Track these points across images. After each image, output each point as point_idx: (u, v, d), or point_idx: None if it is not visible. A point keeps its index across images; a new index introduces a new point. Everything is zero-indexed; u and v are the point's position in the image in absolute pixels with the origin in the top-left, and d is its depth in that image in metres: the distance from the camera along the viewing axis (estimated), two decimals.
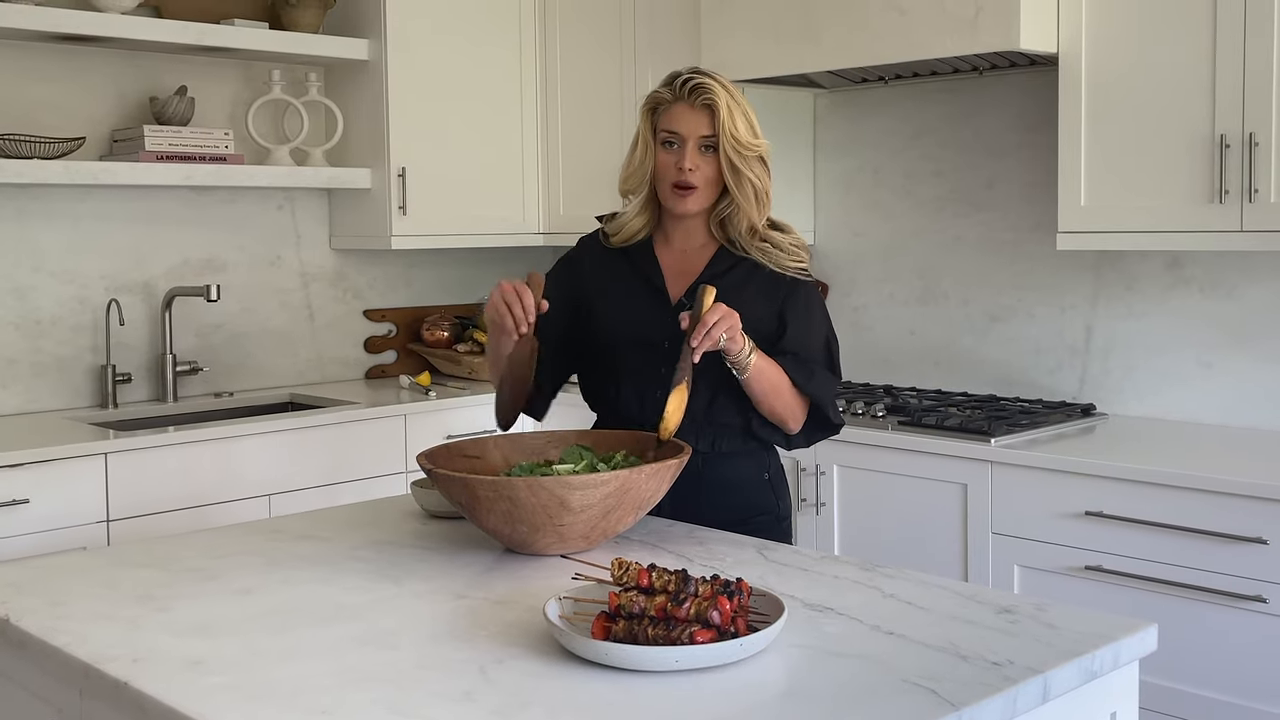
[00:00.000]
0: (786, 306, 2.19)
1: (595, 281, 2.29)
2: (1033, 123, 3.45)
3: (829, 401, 2.21)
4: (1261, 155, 2.72)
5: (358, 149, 3.97)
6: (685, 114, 2.16)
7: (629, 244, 2.28)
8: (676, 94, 2.17)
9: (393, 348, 4.30)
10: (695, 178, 2.15)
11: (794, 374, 2.15)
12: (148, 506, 3.12)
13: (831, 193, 3.92)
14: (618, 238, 2.28)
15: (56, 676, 1.57)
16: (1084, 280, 3.39)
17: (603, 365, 2.27)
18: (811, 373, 2.18)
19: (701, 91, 2.14)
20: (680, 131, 2.16)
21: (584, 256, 2.35)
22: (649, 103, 2.21)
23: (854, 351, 3.83)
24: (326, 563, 1.91)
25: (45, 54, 3.52)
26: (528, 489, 1.80)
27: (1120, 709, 1.57)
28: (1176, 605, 2.65)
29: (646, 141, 2.20)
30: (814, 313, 2.23)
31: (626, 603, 1.48)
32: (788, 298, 2.20)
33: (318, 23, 3.85)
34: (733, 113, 2.14)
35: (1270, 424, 3.08)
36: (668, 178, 2.18)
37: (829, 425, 2.24)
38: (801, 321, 2.20)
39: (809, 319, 2.21)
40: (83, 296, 3.61)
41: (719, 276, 2.19)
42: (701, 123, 2.15)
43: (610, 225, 2.31)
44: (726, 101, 2.14)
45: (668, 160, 2.17)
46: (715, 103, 2.14)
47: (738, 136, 2.14)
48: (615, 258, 2.29)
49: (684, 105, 2.16)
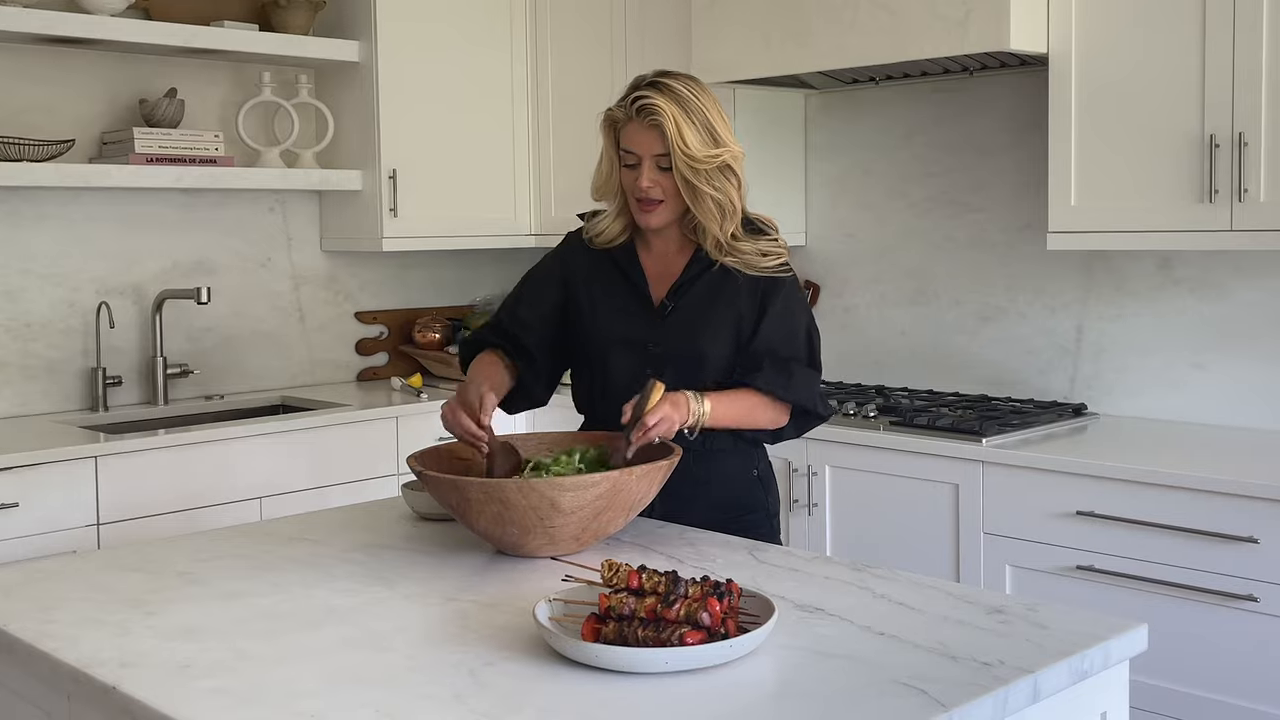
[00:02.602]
0: (766, 302, 2.18)
1: (581, 280, 2.29)
2: (1023, 123, 3.45)
3: (813, 401, 2.21)
4: (1251, 155, 2.73)
5: (348, 151, 3.97)
6: (637, 133, 2.12)
7: (611, 246, 2.28)
8: (627, 112, 2.13)
9: (384, 350, 4.30)
10: (655, 193, 2.14)
11: (770, 387, 2.15)
12: (138, 510, 3.11)
13: (823, 194, 3.92)
14: (599, 241, 2.28)
15: (45, 681, 1.57)
16: (1075, 280, 3.40)
17: (587, 366, 2.28)
18: (790, 375, 2.17)
19: (647, 112, 2.09)
20: (635, 151, 2.13)
21: (571, 253, 2.35)
22: (608, 120, 2.19)
23: (845, 352, 3.83)
24: (317, 565, 1.91)
25: (34, 56, 3.51)
26: (518, 491, 1.79)
27: (1111, 709, 1.57)
28: (1168, 605, 2.65)
29: (610, 158, 2.19)
30: (793, 307, 2.22)
31: (616, 604, 1.48)
32: (766, 293, 2.19)
33: (308, 24, 3.84)
34: (681, 129, 2.07)
35: (1261, 423, 3.08)
36: (632, 194, 2.17)
37: (817, 416, 2.25)
38: (779, 317, 2.19)
39: (787, 314, 2.20)
40: (73, 299, 3.60)
41: (697, 278, 2.19)
42: (654, 141, 2.10)
43: (590, 227, 2.30)
44: (674, 117, 2.07)
45: (629, 177, 2.16)
46: (661, 123, 2.08)
47: (689, 153, 2.08)
48: (600, 258, 2.29)
49: (635, 124, 2.12)
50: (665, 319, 2.20)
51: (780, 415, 2.20)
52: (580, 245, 2.33)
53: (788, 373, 2.17)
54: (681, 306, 2.20)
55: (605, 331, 2.23)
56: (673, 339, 2.18)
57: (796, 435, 2.27)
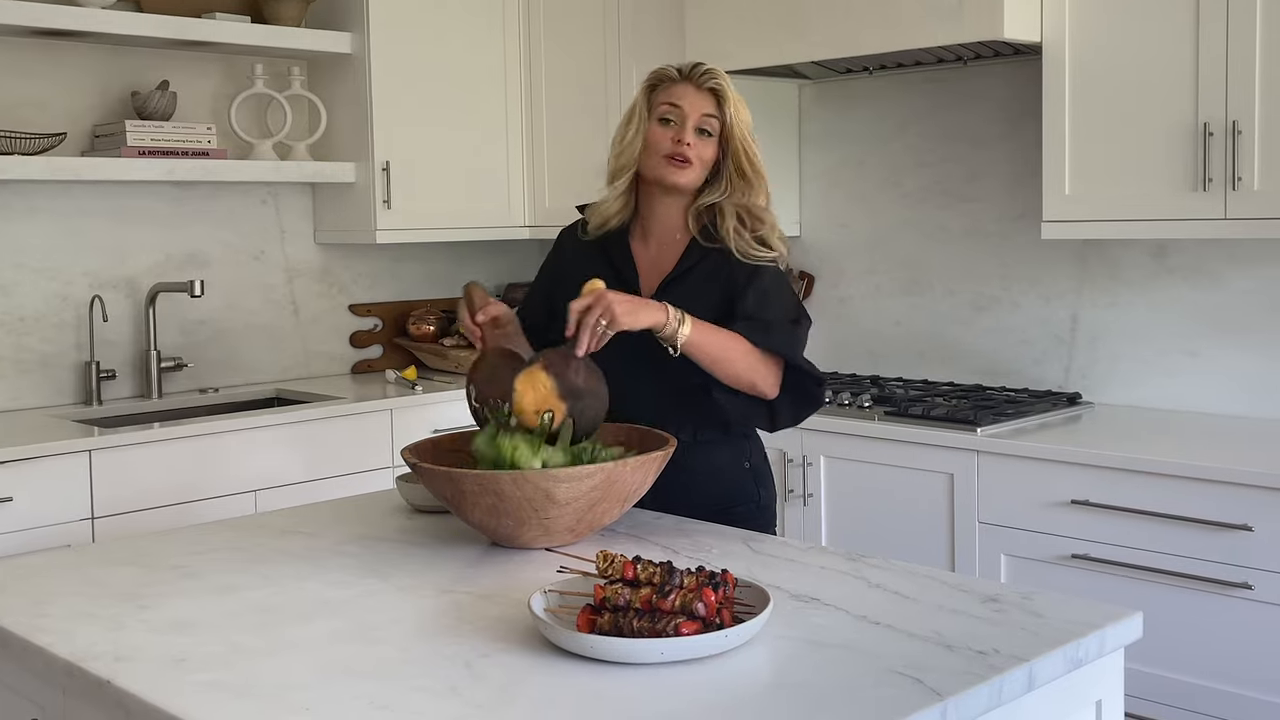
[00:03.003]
0: (750, 286, 2.15)
1: (570, 274, 2.27)
2: (1017, 112, 3.45)
3: (796, 355, 2.14)
4: (1245, 143, 2.73)
5: (341, 143, 3.96)
6: (689, 92, 2.17)
7: (605, 233, 2.26)
8: (683, 74, 2.18)
9: (378, 342, 4.29)
10: (691, 153, 2.15)
11: (748, 333, 2.10)
12: (133, 503, 3.10)
13: (817, 185, 3.92)
14: (594, 223, 2.27)
15: (39, 675, 1.56)
16: (1069, 269, 3.40)
17: None
18: (768, 326, 2.12)
19: (710, 76, 2.17)
20: (682, 106, 2.16)
21: (563, 249, 2.35)
22: (650, 79, 2.21)
23: (840, 342, 3.83)
24: (311, 558, 1.90)
25: (25, 49, 3.49)
26: (512, 482, 1.79)
27: (1105, 697, 1.57)
28: (1163, 593, 2.66)
29: (641, 115, 2.19)
30: (778, 289, 2.18)
31: (612, 595, 1.48)
32: (751, 277, 2.16)
33: (300, 16, 3.83)
34: (739, 103, 2.18)
35: (1255, 411, 3.09)
36: (660, 150, 2.16)
37: (812, 395, 2.18)
38: (760, 295, 2.15)
39: (769, 293, 2.16)
40: (66, 293, 3.59)
41: (690, 270, 2.19)
42: (704, 103, 2.16)
43: (589, 211, 2.30)
44: (733, 90, 2.17)
45: (662, 134, 2.16)
46: (723, 89, 2.16)
47: (743, 118, 2.18)
48: (591, 250, 2.28)
49: (688, 84, 2.17)
50: None
51: (766, 371, 2.12)
52: (571, 241, 2.33)
53: (765, 325, 2.12)
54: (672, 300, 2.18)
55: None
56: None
57: (795, 422, 2.21)
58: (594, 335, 1.95)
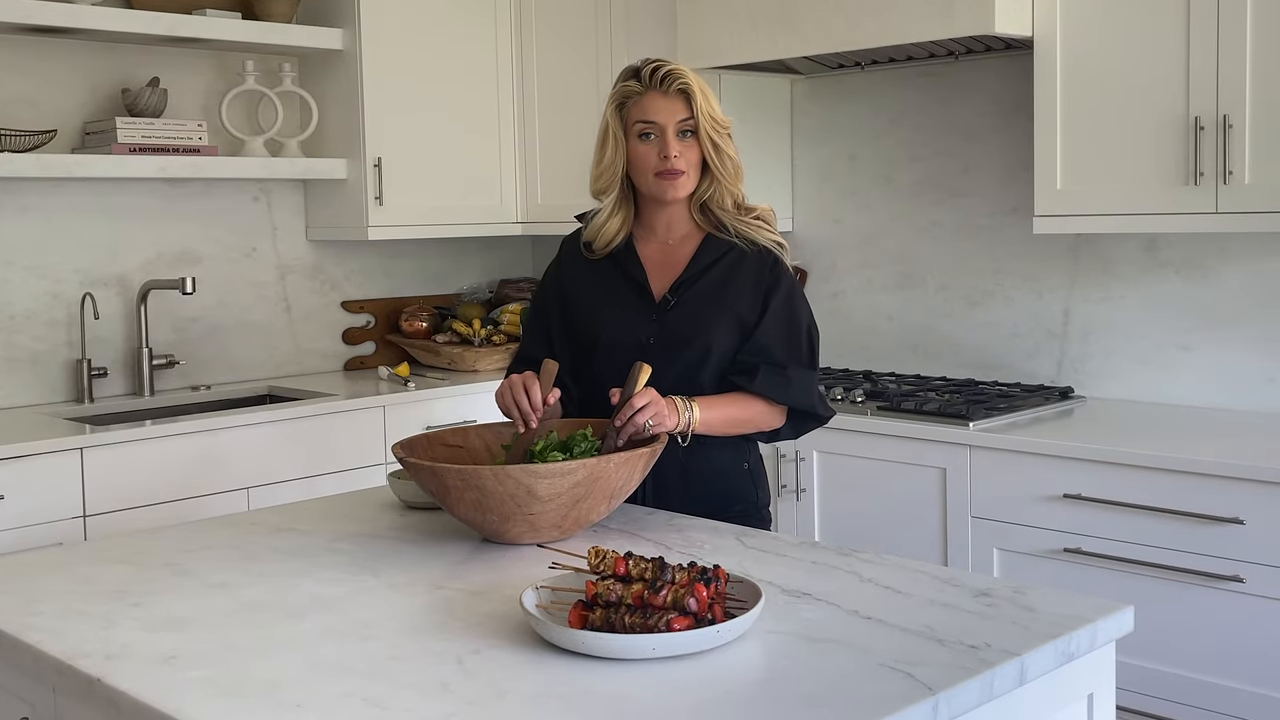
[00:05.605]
0: (770, 297, 2.18)
1: (576, 284, 2.27)
2: (1008, 107, 3.45)
3: (812, 403, 2.20)
4: (1235, 137, 2.73)
5: (333, 139, 3.95)
6: (659, 102, 2.15)
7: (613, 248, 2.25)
8: (647, 84, 2.16)
9: (371, 339, 4.28)
10: (680, 163, 2.15)
11: (768, 392, 2.14)
12: (125, 501, 3.10)
13: (809, 180, 3.92)
14: (599, 244, 2.25)
15: (29, 674, 1.56)
16: (1061, 264, 3.40)
17: (589, 366, 2.24)
18: (788, 382, 2.16)
19: (674, 78, 2.15)
20: (658, 120, 2.14)
21: (565, 260, 2.33)
22: (617, 97, 2.19)
23: (833, 337, 3.83)
24: (303, 555, 1.90)
25: (14, 46, 3.48)
26: (494, 478, 1.79)
27: (1097, 690, 1.57)
28: (1155, 586, 2.66)
29: (617, 137, 2.18)
30: (795, 305, 2.21)
31: (604, 591, 1.48)
32: (771, 288, 2.18)
33: (291, 12, 3.82)
34: (705, 95, 2.16)
35: (1246, 405, 3.09)
36: (649, 169, 2.16)
37: (818, 417, 2.24)
38: (782, 314, 2.18)
39: (789, 312, 2.20)
40: (57, 291, 3.58)
41: (702, 273, 2.19)
42: (677, 108, 2.15)
43: (588, 231, 2.27)
44: (698, 84, 2.15)
45: (646, 151, 2.16)
46: (689, 87, 2.14)
47: (714, 116, 2.16)
48: (601, 264, 2.26)
49: (656, 94, 2.15)
50: (667, 314, 2.19)
51: (775, 417, 2.19)
52: (577, 254, 2.30)
53: (785, 378, 2.15)
54: (685, 301, 2.18)
55: (608, 334, 2.20)
56: (674, 334, 2.17)
57: (795, 436, 2.27)
58: (637, 430, 1.99)
